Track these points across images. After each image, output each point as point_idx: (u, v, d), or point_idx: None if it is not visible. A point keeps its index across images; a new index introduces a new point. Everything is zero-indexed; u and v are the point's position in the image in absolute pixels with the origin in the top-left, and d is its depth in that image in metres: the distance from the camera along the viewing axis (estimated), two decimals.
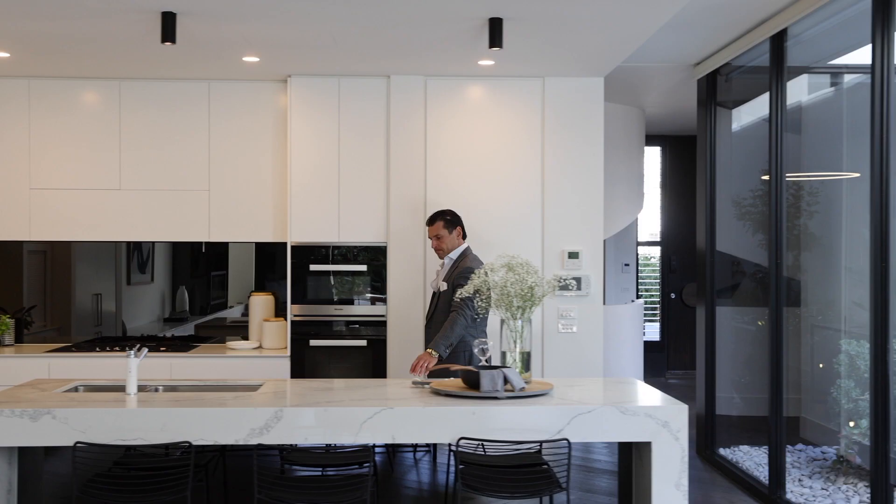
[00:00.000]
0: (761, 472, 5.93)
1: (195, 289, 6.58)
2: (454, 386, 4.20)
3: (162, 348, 5.84)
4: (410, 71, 5.79)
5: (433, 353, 4.67)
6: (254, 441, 3.79)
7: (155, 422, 3.76)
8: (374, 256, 5.92)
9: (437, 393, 4.15)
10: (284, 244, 6.08)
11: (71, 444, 3.70)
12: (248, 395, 4.14)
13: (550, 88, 5.93)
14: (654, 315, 10.94)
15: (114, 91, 6.01)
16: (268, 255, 6.43)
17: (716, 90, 6.63)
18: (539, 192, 5.92)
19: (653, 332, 10.75)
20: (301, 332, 5.88)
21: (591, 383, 4.57)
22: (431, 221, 5.14)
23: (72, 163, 6.01)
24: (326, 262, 5.91)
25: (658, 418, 3.84)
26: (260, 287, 6.45)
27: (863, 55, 5.73)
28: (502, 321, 4.34)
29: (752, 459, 6.26)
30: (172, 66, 5.66)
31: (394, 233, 5.85)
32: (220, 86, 6.01)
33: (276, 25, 4.67)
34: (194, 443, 3.73)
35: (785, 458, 5.46)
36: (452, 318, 4.78)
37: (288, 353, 5.79)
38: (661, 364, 10.68)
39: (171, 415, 3.78)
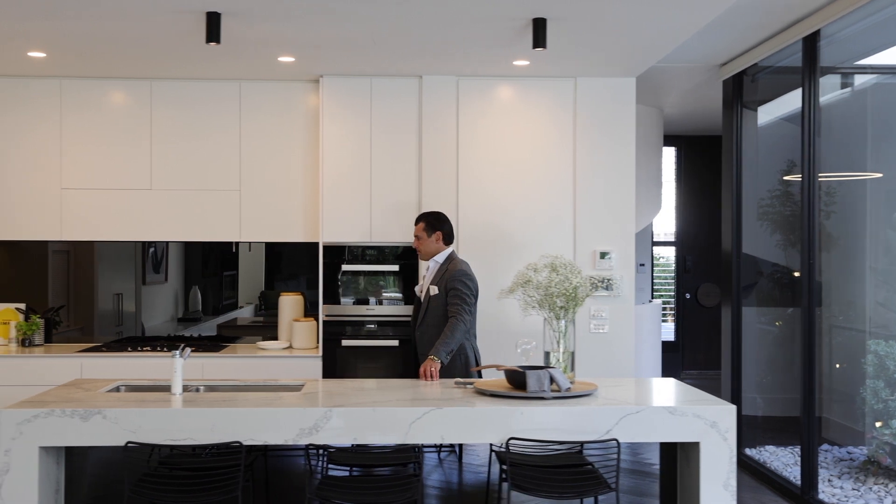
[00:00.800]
0: (790, 473, 5.93)
1: (207, 288, 6.58)
2: (499, 386, 4.20)
3: (192, 348, 5.83)
4: (443, 71, 5.79)
5: (435, 359, 4.65)
6: (303, 441, 3.79)
7: (205, 422, 3.76)
8: (406, 256, 5.92)
9: (482, 393, 4.15)
10: (295, 244, 6.13)
11: (122, 443, 3.69)
12: (292, 396, 4.14)
13: (582, 88, 5.93)
14: (667, 315, 10.95)
15: (144, 91, 6.01)
16: (276, 255, 6.44)
17: (742, 91, 6.64)
18: (570, 192, 5.93)
19: (667, 332, 10.76)
20: (332, 333, 5.88)
21: (633, 383, 4.57)
22: (417, 220, 5.14)
23: (103, 163, 6.01)
24: (358, 262, 5.91)
25: (706, 418, 3.84)
26: (269, 286, 6.46)
27: (890, 55, 5.77)
28: (545, 321, 4.35)
29: (780, 460, 6.27)
30: (205, 66, 5.66)
31: None
32: (251, 86, 6.01)
33: (317, 26, 4.67)
34: (245, 443, 3.73)
35: (817, 459, 5.47)
36: (452, 324, 4.76)
37: (319, 353, 5.79)
38: (675, 364, 10.70)
39: (221, 415, 3.78)
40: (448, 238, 5.09)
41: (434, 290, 4.96)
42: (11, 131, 5.99)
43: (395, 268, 5.91)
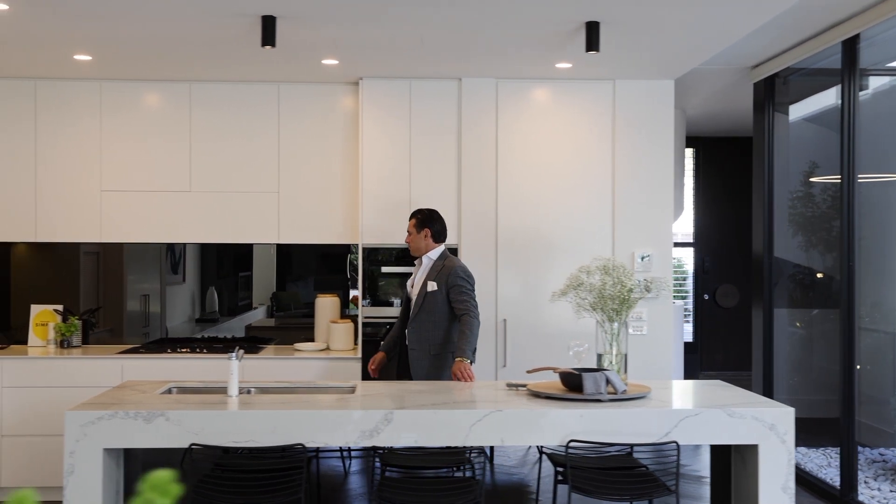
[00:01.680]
0: (825, 474, 5.95)
1: (223, 289, 6.61)
2: (552, 388, 4.21)
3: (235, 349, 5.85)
4: (482, 73, 5.80)
5: (464, 359, 4.68)
6: (363, 443, 3.80)
7: (266, 424, 3.77)
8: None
9: (537, 395, 4.16)
10: (306, 245, 6.20)
11: (185, 445, 3.71)
12: (349, 398, 4.15)
13: (621, 91, 5.95)
14: (686, 316, 10.97)
15: (183, 93, 6.01)
16: (285, 256, 6.47)
17: (774, 93, 6.66)
18: (609, 194, 5.94)
19: (685, 332, 10.78)
20: (371, 334, 5.89)
21: (683, 386, 4.59)
22: (410, 216, 5.19)
23: (142, 165, 6.02)
24: (397, 264, 5.92)
25: (765, 421, 3.85)
26: (281, 287, 6.49)
27: None
28: (597, 323, 4.36)
29: (813, 461, 6.29)
30: (244, 69, 5.66)
31: (465, 235, 5.86)
32: (290, 88, 6.02)
33: (367, 28, 4.68)
34: (307, 445, 3.75)
35: (857, 461, 5.49)
36: (467, 321, 4.81)
37: (359, 354, 5.80)
38: (693, 365, 10.71)
39: (282, 417, 3.79)
40: (438, 236, 5.11)
41: (432, 286, 4.97)
42: (52, 134, 5.99)
43: None
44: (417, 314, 5.01)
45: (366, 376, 5.80)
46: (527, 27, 4.62)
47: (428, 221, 5.09)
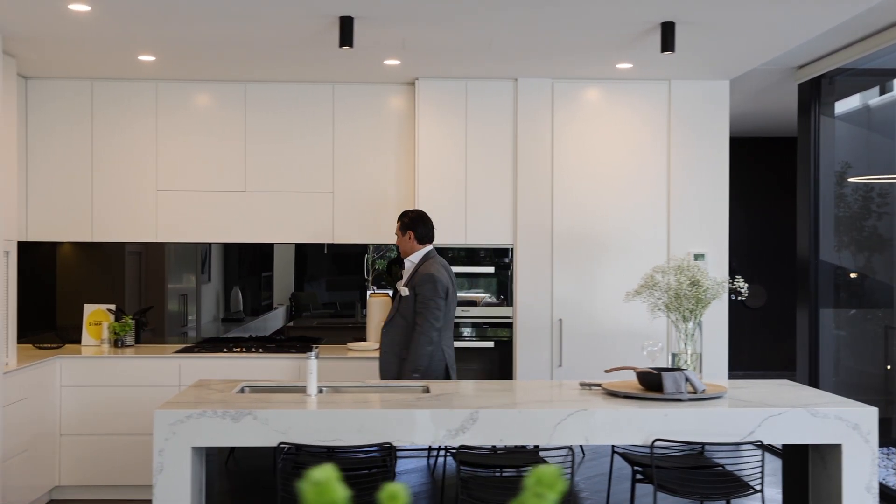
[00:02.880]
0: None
1: (246, 289, 6.63)
2: (629, 387, 4.22)
3: (289, 349, 5.86)
4: (539, 74, 5.81)
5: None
6: (448, 442, 3.81)
7: (352, 423, 3.78)
8: (501, 258, 5.95)
9: (615, 395, 4.17)
10: (322, 245, 6.24)
11: (273, 444, 3.72)
12: (427, 397, 4.16)
13: (676, 91, 5.96)
14: None
15: (239, 93, 6.02)
16: (302, 257, 6.50)
17: (820, 93, 6.67)
18: (665, 194, 5.96)
19: None
20: None
21: (756, 386, 4.59)
22: (398, 218, 5.15)
23: (197, 165, 6.02)
24: (452, 264, 5.93)
25: (848, 420, 3.86)
26: (299, 287, 6.51)
27: None
28: (672, 323, 4.38)
29: None
30: (299, 69, 5.66)
31: (521, 234, 5.87)
32: (345, 88, 6.03)
33: (439, 30, 4.68)
34: (395, 444, 3.76)
35: None
36: (414, 340, 4.75)
37: None
38: None
39: (367, 416, 3.80)
40: (422, 239, 5.03)
41: (405, 292, 4.93)
42: (108, 134, 5.99)
43: (491, 269, 5.93)
44: (393, 317, 4.97)
45: None
46: (599, 28, 4.63)
47: (411, 224, 5.02)
